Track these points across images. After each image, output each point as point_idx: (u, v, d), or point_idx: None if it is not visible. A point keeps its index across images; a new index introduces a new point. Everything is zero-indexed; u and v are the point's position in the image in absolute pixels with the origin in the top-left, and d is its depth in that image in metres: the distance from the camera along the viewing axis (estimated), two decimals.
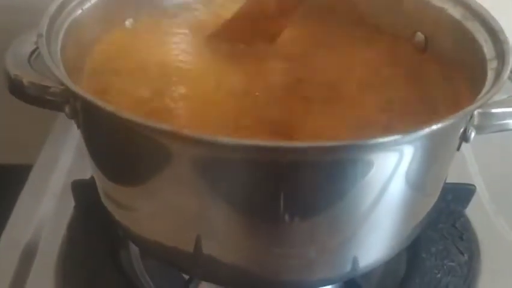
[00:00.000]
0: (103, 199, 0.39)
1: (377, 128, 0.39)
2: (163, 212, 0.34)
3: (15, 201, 0.49)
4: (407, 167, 0.31)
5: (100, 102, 0.28)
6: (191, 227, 0.34)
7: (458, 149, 0.35)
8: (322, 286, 0.40)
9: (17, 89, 0.36)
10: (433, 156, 0.33)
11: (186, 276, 0.42)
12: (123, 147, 0.32)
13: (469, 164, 0.53)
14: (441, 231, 0.45)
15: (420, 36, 0.44)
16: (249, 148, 0.28)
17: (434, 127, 0.28)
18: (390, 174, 0.31)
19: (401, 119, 0.39)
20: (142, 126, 0.27)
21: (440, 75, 0.42)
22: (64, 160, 0.54)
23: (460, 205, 0.48)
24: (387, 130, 0.38)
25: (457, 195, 0.47)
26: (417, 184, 0.34)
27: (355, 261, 0.35)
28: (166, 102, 0.38)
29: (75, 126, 0.58)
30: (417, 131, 0.28)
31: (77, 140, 0.56)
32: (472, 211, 0.48)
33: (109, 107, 0.27)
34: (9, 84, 0.37)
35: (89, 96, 0.28)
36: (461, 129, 0.34)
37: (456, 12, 0.41)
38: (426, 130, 0.28)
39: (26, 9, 0.60)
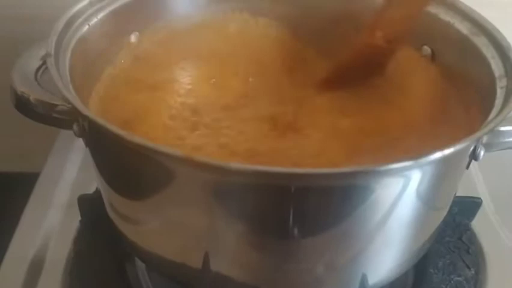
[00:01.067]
0: (110, 214, 0.39)
1: (383, 144, 0.39)
2: (172, 229, 0.34)
3: (20, 211, 0.49)
4: (417, 188, 0.31)
5: (110, 126, 0.28)
6: (199, 244, 0.34)
7: (468, 167, 0.35)
8: None
9: (23, 106, 0.36)
10: (443, 176, 0.33)
11: None
12: (131, 168, 0.32)
13: (474, 176, 0.53)
14: (448, 245, 0.45)
15: (427, 49, 0.44)
16: (258, 173, 0.28)
17: (445, 152, 0.28)
18: (399, 197, 0.31)
19: (410, 134, 0.39)
20: (152, 150, 0.27)
21: (448, 89, 0.42)
22: (68, 171, 0.53)
23: (466, 218, 0.47)
24: (397, 147, 0.38)
25: (463, 209, 0.47)
26: (427, 203, 0.34)
27: (364, 278, 0.35)
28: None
29: (77, 140, 0.59)
30: (427, 157, 0.28)
31: (82, 150, 0.56)
32: (477, 224, 0.48)
33: (119, 131, 0.27)
34: (16, 102, 0.36)
35: (99, 119, 0.28)
36: (471, 149, 0.34)
37: (463, 27, 0.41)
38: (437, 155, 0.28)
39: (30, 19, 0.60)
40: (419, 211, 0.34)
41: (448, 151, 0.28)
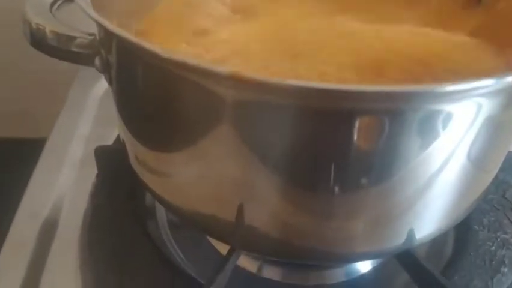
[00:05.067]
0: (135, 166, 0.36)
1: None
2: (205, 180, 0.31)
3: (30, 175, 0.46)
4: (481, 126, 0.28)
5: (145, 44, 0.24)
6: (234, 195, 0.31)
7: None
8: (372, 259, 0.38)
9: (39, 40, 0.33)
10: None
11: (219, 248, 0.39)
12: (165, 103, 0.28)
13: None
14: (491, 202, 0.42)
15: None
16: (304, 90, 0.24)
17: None
18: (465, 133, 0.28)
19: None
20: (195, 68, 0.23)
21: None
22: (80, 129, 0.51)
23: (509, 176, 0.45)
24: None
25: (505, 166, 0.44)
26: (485, 153, 0.31)
27: (411, 233, 0.32)
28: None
29: (90, 96, 0.56)
30: (502, 79, 0.24)
31: (93, 110, 0.53)
32: None
33: (157, 48, 0.24)
34: (31, 36, 0.33)
35: (133, 38, 0.25)
36: None
37: None
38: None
39: None
40: (476, 163, 0.31)
41: None
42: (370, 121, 0.26)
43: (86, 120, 0.51)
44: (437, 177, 0.30)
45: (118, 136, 0.46)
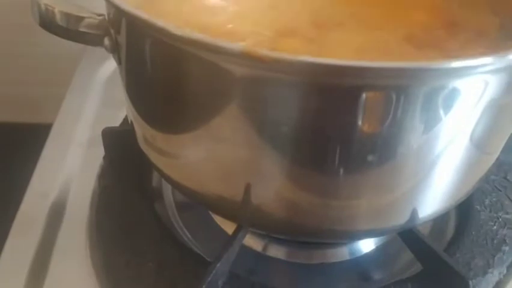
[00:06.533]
0: (143, 146, 0.36)
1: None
2: (214, 158, 0.31)
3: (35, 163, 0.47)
4: (485, 106, 0.28)
5: (157, 21, 0.24)
6: (241, 175, 0.31)
7: None
8: (376, 236, 0.38)
9: (48, 21, 0.33)
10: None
11: (225, 227, 0.40)
12: (175, 82, 0.29)
13: None
14: (493, 183, 0.43)
15: None
16: (321, 67, 0.24)
17: None
18: (467, 114, 0.28)
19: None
20: (210, 46, 0.24)
21: None
22: (87, 112, 0.51)
23: (510, 157, 0.45)
24: None
25: (507, 147, 0.45)
26: (489, 135, 0.31)
27: (414, 212, 0.33)
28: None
29: (96, 78, 0.56)
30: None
31: (99, 92, 0.54)
32: None
33: (169, 25, 0.24)
34: (40, 17, 0.33)
35: (145, 15, 0.25)
36: None
37: None
38: None
39: None
40: (481, 144, 0.31)
41: None
42: (377, 97, 0.26)
43: (92, 102, 0.52)
44: (441, 157, 0.30)
45: (125, 118, 0.46)
